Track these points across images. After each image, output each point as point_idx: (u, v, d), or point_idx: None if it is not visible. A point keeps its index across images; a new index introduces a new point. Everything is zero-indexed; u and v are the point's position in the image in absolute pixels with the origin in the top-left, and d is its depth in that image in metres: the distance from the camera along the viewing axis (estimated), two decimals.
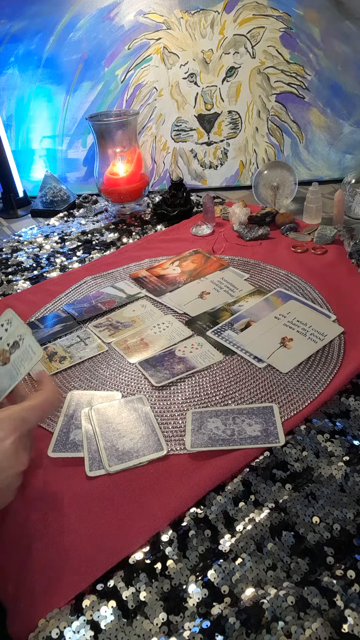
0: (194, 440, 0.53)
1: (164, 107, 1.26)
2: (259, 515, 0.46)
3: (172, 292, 0.82)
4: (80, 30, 1.23)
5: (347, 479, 0.48)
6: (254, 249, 0.94)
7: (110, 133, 1.10)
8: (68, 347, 0.71)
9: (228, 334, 0.70)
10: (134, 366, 0.66)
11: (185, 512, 0.47)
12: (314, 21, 1.17)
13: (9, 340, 0.49)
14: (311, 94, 1.21)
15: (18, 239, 1.11)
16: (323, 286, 0.79)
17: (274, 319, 0.72)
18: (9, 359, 0.48)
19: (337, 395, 0.59)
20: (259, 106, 1.24)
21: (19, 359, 0.47)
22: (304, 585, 0.40)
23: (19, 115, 1.30)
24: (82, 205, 1.24)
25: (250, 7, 1.17)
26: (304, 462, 0.51)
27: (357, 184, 1.00)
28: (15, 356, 0.48)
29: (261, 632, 0.37)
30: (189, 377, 0.63)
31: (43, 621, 0.39)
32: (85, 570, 0.42)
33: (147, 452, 0.52)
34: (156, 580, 0.42)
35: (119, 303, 0.80)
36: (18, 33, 1.24)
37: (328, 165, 1.25)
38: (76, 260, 0.99)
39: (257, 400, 0.58)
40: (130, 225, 1.13)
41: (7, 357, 0.49)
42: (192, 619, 0.39)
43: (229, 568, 0.42)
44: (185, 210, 1.11)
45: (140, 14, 1.21)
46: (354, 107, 1.21)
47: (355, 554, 0.42)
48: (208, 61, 1.21)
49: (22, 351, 0.47)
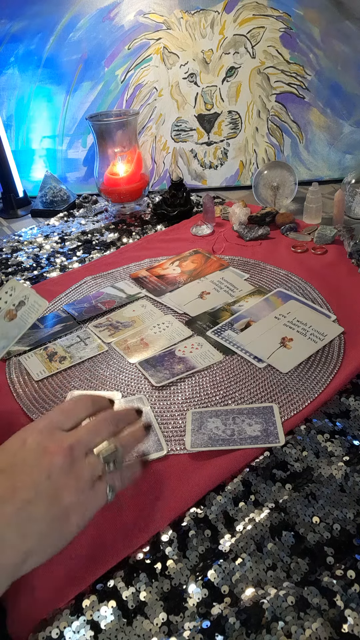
0: (194, 440, 0.53)
1: (164, 107, 1.26)
2: (259, 515, 0.46)
3: (172, 292, 0.82)
4: (80, 30, 1.23)
5: (347, 479, 0.48)
6: (254, 249, 0.94)
7: (110, 133, 1.10)
8: (68, 347, 0.71)
9: (228, 334, 0.70)
10: (134, 366, 0.66)
11: (185, 512, 0.47)
12: (314, 21, 1.17)
13: (15, 301, 0.59)
14: (311, 94, 1.21)
15: (18, 239, 1.11)
16: (323, 286, 0.79)
17: (274, 319, 0.72)
18: (16, 315, 0.58)
19: (337, 395, 0.59)
20: (259, 106, 1.24)
21: (25, 313, 0.58)
22: (304, 585, 0.40)
23: (19, 115, 1.30)
24: (82, 205, 1.24)
25: (250, 7, 1.17)
26: (304, 462, 0.51)
27: (357, 184, 1.00)
28: (22, 311, 0.58)
29: (261, 632, 0.37)
30: (189, 377, 0.63)
31: (43, 621, 0.39)
32: (85, 570, 0.42)
33: (147, 452, 0.52)
34: (156, 580, 0.42)
35: (119, 303, 0.80)
36: (18, 33, 1.24)
37: (328, 165, 1.25)
38: (76, 260, 0.99)
39: (257, 400, 0.58)
40: (130, 225, 1.13)
41: (14, 314, 0.58)
42: (192, 619, 0.39)
43: (229, 568, 0.42)
44: (185, 210, 1.11)
45: (140, 14, 1.21)
46: (354, 107, 1.21)
47: (355, 554, 0.42)
48: (208, 61, 1.21)
49: (28, 307, 0.58)
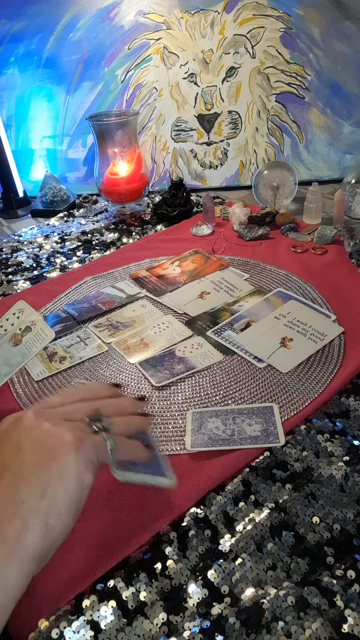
0: (194, 440, 0.53)
1: (164, 107, 1.26)
2: (259, 515, 0.46)
3: (172, 292, 0.82)
4: (80, 30, 1.23)
5: (347, 479, 0.48)
6: (254, 249, 0.94)
7: (110, 133, 1.10)
8: (68, 347, 0.71)
9: (228, 334, 0.70)
10: (134, 366, 0.66)
11: (185, 512, 0.47)
12: (314, 21, 1.17)
13: (21, 326, 0.58)
14: (311, 94, 1.21)
15: (18, 239, 1.11)
16: (323, 286, 0.79)
17: (274, 319, 0.72)
18: (21, 341, 0.57)
19: (337, 395, 0.59)
20: (259, 106, 1.24)
21: (30, 340, 0.56)
22: (304, 585, 0.40)
23: (19, 115, 1.30)
24: (82, 205, 1.24)
25: (250, 7, 1.17)
26: (304, 462, 0.51)
27: (357, 184, 1.00)
28: (27, 338, 0.56)
29: (261, 632, 0.37)
30: (189, 377, 0.63)
31: (43, 621, 0.39)
32: (85, 570, 0.42)
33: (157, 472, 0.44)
34: (156, 580, 0.42)
35: (119, 303, 0.80)
36: (18, 33, 1.24)
37: (328, 165, 1.25)
38: (76, 260, 0.99)
39: (257, 400, 0.58)
40: (130, 225, 1.13)
41: (19, 339, 0.57)
42: (192, 619, 0.39)
43: (229, 568, 0.42)
44: (185, 210, 1.11)
45: (140, 14, 1.21)
46: (354, 107, 1.21)
47: (355, 554, 0.42)
48: (208, 61, 1.21)
49: (33, 334, 0.57)
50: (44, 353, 0.69)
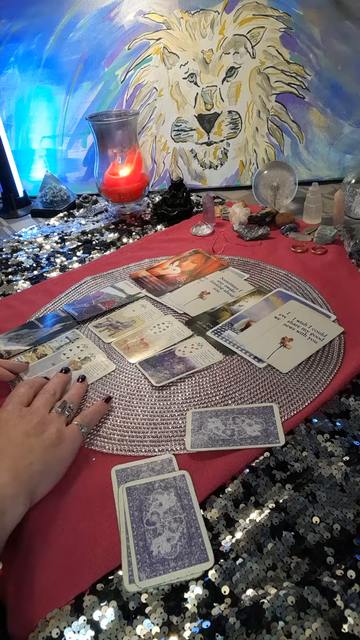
0: (194, 441, 0.53)
1: (164, 107, 1.26)
2: (259, 515, 0.46)
3: (172, 292, 0.82)
4: (80, 30, 1.23)
5: (347, 479, 0.48)
6: (254, 249, 0.94)
7: (110, 133, 1.10)
8: (57, 348, 0.70)
9: (228, 334, 0.70)
10: (134, 366, 0.66)
11: None
12: (314, 21, 1.17)
13: (81, 356, 0.68)
14: (311, 94, 1.21)
15: (18, 239, 1.11)
16: (323, 286, 0.79)
17: (274, 319, 0.72)
18: (80, 367, 0.66)
19: (337, 395, 0.59)
20: (259, 106, 1.24)
21: (90, 368, 0.65)
22: (304, 585, 0.40)
23: (19, 115, 1.30)
24: (82, 205, 1.24)
25: (250, 7, 1.17)
26: (304, 462, 0.51)
27: (357, 184, 1.00)
28: (87, 366, 0.66)
29: (261, 632, 0.37)
30: (189, 377, 0.63)
31: (43, 621, 0.39)
32: (86, 570, 0.42)
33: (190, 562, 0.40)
34: None
35: (119, 303, 0.80)
36: (18, 33, 1.24)
37: (328, 165, 1.25)
38: (76, 260, 0.99)
39: (257, 400, 0.58)
40: (130, 225, 1.13)
41: (79, 365, 0.66)
42: (192, 619, 0.39)
43: (229, 568, 0.42)
44: (185, 210, 1.11)
45: (140, 14, 1.21)
46: (354, 107, 1.21)
47: (355, 554, 0.42)
48: (208, 61, 1.21)
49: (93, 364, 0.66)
50: (34, 355, 0.69)
